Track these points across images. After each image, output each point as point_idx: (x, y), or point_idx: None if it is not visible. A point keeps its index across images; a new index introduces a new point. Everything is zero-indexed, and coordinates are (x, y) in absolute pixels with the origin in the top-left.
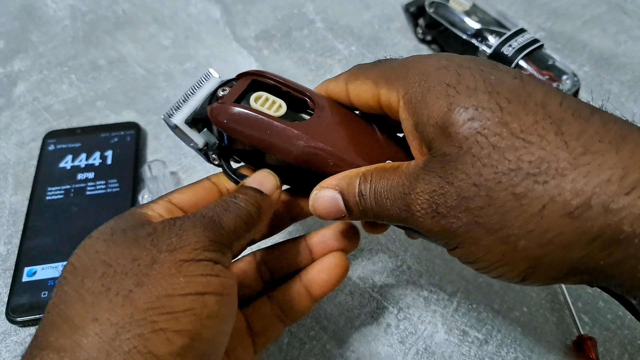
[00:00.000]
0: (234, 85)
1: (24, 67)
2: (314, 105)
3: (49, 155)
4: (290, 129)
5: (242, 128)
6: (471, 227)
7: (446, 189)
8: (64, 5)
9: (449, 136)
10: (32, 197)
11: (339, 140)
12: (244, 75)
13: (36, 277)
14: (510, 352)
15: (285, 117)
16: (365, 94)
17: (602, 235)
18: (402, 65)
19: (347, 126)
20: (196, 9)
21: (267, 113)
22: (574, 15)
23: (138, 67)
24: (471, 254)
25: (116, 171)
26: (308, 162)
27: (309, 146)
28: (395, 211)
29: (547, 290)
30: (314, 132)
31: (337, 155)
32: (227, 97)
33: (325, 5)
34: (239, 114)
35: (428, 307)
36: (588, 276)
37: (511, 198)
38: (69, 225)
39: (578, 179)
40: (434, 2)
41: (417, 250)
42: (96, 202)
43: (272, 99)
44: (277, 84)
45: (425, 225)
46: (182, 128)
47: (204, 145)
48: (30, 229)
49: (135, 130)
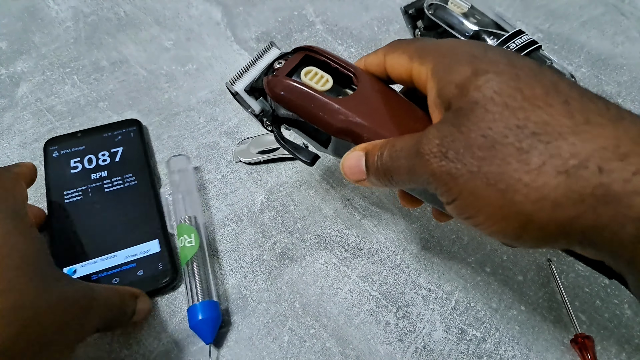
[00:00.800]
0: (288, 59)
1: (26, 68)
2: (357, 81)
3: (54, 161)
4: (332, 104)
5: (290, 99)
6: (473, 175)
7: (456, 136)
8: (67, 6)
9: (467, 94)
10: (50, 203)
11: (375, 116)
12: (299, 49)
13: (78, 275)
14: (508, 350)
15: (330, 92)
16: (400, 66)
17: (594, 194)
18: (435, 43)
19: (385, 102)
20: (197, 10)
21: (314, 87)
22: (572, 17)
23: (140, 69)
24: (469, 206)
25: (129, 166)
26: (345, 134)
27: (347, 121)
28: (406, 163)
29: (545, 288)
30: (353, 108)
31: (372, 130)
32: (280, 70)
33: (325, 7)
34: (289, 87)
35: (427, 305)
36: (576, 238)
37: (514, 152)
38: (95, 221)
39: (577, 143)
40: (432, 4)
41: (415, 249)
42: (117, 197)
43: (321, 74)
44: (327, 60)
45: (432, 167)
46: (241, 95)
47: (260, 111)
48: (56, 232)
49: (137, 126)
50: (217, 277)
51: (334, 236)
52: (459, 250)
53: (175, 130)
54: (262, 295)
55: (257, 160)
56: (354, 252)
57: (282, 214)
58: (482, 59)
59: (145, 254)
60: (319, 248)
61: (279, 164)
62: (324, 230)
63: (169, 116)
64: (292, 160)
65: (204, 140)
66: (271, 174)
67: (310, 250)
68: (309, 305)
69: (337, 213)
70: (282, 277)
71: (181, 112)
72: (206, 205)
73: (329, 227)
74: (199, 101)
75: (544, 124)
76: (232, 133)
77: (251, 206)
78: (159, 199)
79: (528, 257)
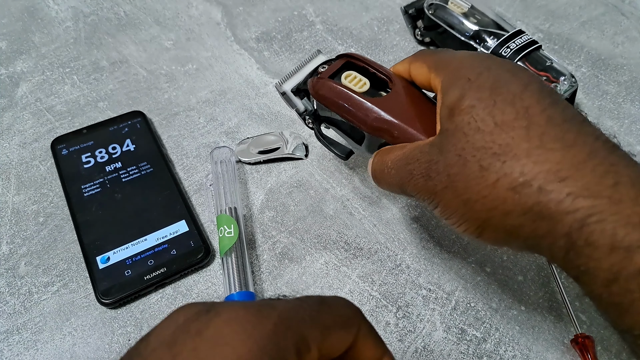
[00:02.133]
0: (331, 64)
1: (26, 68)
2: (392, 84)
3: (65, 159)
4: (367, 103)
5: (330, 99)
6: (446, 190)
7: (439, 159)
8: (66, 6)
9: (453, 117)
10: (70, 199)
11: (405, 115)
12: (342, 56)
13: (112, 262)
14: (509, 350)
15: (367, 93)
16: (420, 75)
17: (533, 209)
18: (449, 57)
19: (414, 104)
20: (197, 10)
21: (352, 89)
22: (572, 17)
23: (140, 69)
24: (445, 211)
25: (142, 155)
26: (378, 131)
27: (378, 119)
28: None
29: (545, 288)
30: (386, 107)
31: (401, 127)
32: (324, 73)
33: (325, 7)
34: (330, 87)
35: (427, 305)
36: (523, 243)
37: (477, 169)
38: (119, 210)
39: (527, 164)
40: (432, 4)
41: (415, 249)
42: (136, 185)
43: (359, 78)
44: (366, 65)
45: (418, 185)
46: (289, 94)
47: (303, 110)
48: (82, 225)
49: (142, 117)
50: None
51: (334, 236)
52: (459, 250)
53: (175, 130)
54: (263, 296)
55: (257, 160)
56: (354, 252)
57: (282, 214)
58: (471, 85)
59: (176, 234)
60: (319, 248)
61: (279, 164)
62: (324, 230)
63: (169, 116)
64: (292, 160)
65: (203, 140)
66: (271, 174)
67: (310, 250)
68: None
69: (337, 213)
70: (282, 277)
71: (181, 112)
72: (206, 204)
73: (329, 227)
74: (198, 101)
75: (506, 145)
76: (232, 133)
77: (251, 206)
78: (178, 183)
79: (528, 257)
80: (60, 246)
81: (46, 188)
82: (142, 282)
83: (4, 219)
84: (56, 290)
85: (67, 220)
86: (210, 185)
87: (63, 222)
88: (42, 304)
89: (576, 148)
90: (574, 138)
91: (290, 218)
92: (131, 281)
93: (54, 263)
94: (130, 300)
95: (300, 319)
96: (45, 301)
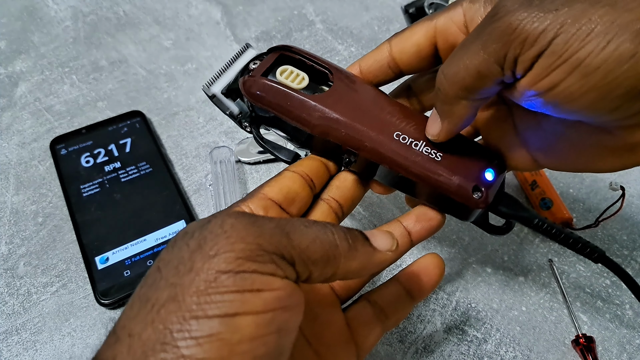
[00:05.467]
0: (264, 59)
1: (25, 68)
2: (333, 77)
3: (64, 159)
4: (308, 101)
5: (266, 98)
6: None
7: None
8: (65, 6)
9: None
10: (69, 200)
11: (352, 111)
12: (274, 49)
13: (111, 262)
14: (509, 351)
15: (307, 89)
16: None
17: None
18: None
19: (361, 97)
20: (197, 10)
21: (289, 85)
22: None
23: (139, 68)
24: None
25: (141, 155)
26: (323, 131)
27: (323, 117)
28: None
29: (546, 289)
30: (329, 104)
31: (348, 124)
32: (256, 70)
33: (325, 7)
34: (264, 86)
35: (427, 306)
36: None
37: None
38: (118, 210)
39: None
40: (433, 3)
41: (416, 249)
42: (135, 185)
43: (296, 72)
44: (302, 58)
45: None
46: (219, 97)
47: (238, 113)
48: (82, 225)
49: (141, 117)
50: None
51: None
52: (459, 250)
53: (174, 130)
54: None
55: (257, 160)
56: None
57: None
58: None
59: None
60: None
61: (279, 164)
62: None
63: (168, 116)
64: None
65: (203, 140)
66: (271, 174)
67: None
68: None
69: None
70: None
71: (180, 112)
72: (206, 205)
73: None
74: (198, 101)
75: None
76: (231, 133)
77: None
78: (177, 182)
79: (529, 257)
80: (59, 246)
81: (45, 188)
82: None
83: (2, 219)
84: (55, 290)
85: (66, 220)
86: (209, 185)
87: (62, 222)
88: (41, 304)
89: None
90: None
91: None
92: (130, 281)
93: (53, 263)
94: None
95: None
96: (44, 301)
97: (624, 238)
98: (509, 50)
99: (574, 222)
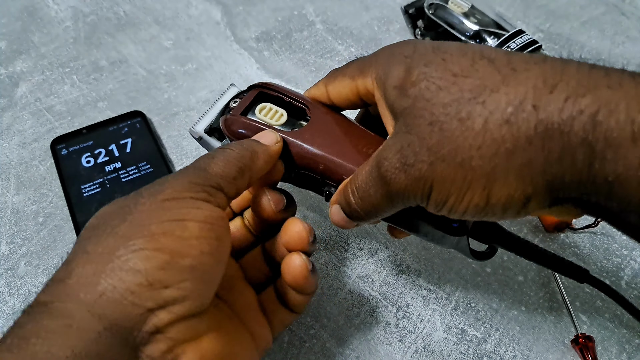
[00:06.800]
0: (243, 97)
1: (25, 68)
2: (310, 112)
3: (65, 159)
4: (287, 138)
5: (245, 136)
6: (435, 164)
7: (410, 139)
8: (66, 6)
9: (406, 92)
10: (69, 200)
11: (329, 144)
12: (253, 87)
13: None
14: (509, 350)
15: (285, 125)
16: (344, 89)
17: (537, 133)
18: (373, 55)
19: (337, 130)
20: (197, 10)
21: (268, 122)
22: (572, 17)
23: (139, 68)
24: (442, 191)
25: (142, 155)
26: (303, 166)
27: (301, 153)
28: (376, 193)
29: (546, 289)
30: (306, 139)
31: (325, 157)
32: (235, 109)
33: (325, 7)
34: (244, 124)
35: (427, 305)
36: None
37: (458, 124)
38: None
39: (509, 91)
40: (433, 4)
41: (416, 249)
42: (136, 185)
43: (275, 109)
44: (280, 95)
45: (400, 183)
46: (204, 138)
47: None
48: (82, 226)
49: (141, 117)
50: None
51: (334, 236)
52: None
53: (174, 130)
54: None
55: None
56: (354, 252)
57: None
58: (412, 56)
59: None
60: (319, 248)
61: None
62: (324, 230)
63: (169, 116)
64: None
65: None
66: None
67: None
68: (308, 305)
69: None
70: None
71: (181, 112)
72: None
73: (329, 227)
74: (198, 101)
75: (477, 87)
76: None
77: None
78: None
79: None
80: (59, 246)
81: (46, 188)
82: None
83: (3, 219)
84: None
85: (66, 220)
86: None
87: (63, 222)
88: None
89: (548, 61)
90: (540, 57)
91: None
92: None
93: (54, 263)
94: None
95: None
96: None
97: (623, 238)
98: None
99: (574, 222)
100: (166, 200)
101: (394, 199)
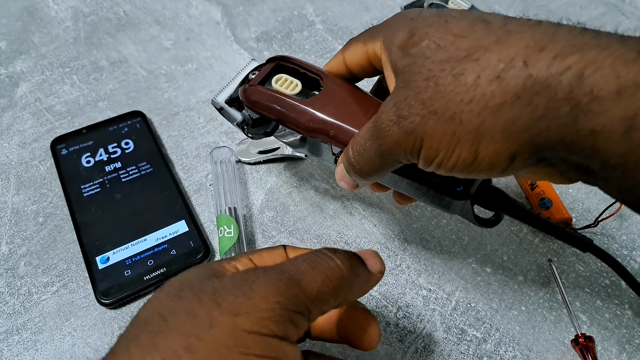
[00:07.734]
0: (261, 69)
1: (25, 68)
2: (323, 83)
3: (64, 159)
4: (300, 105)
5: (263, 104)
6: (426, 118)
7: (406, 94)
8: (66, 6)
9: (408, 51)
10: (69, 200)
11: (339, 112)
12: (271, 60)
13: (111, 262)
14: (509, 350)
15: (300, 95)
16: (356, 55)
17: (525, 88)
18: (383, 22)
19: (348, 99)
20: (197, 10)
21: (283, 92)
22: (572, 17)
23: (139, 68)
24: (431, 147)
25: (142, 155)
26: (313, 132)
27: (312, 119)
28: (371, 147)
29: (546, 289)
30: (318, 107)
31: (336, 125)
32: (253, 80)
33: (325, 7)
34: (260, 93)
35: (427, 305)
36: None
37: (452, 79)
38: (119, 210)
39: (502, 50)
40: (432, 4)
41: (416, 249)
42: (136, 185)
43: (290, 80)
44: (296, 66)
45: (393, 136)
46: (225, 108)
47: (242, 121)
48: (82, 225)
49: (142, 117)
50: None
51: (334, 236)
52: (459, 250)
53: (174, 130)
54: None
55: (257, 160)
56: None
57: (282, 214)
58: (417, 19)
59: (175, 234)
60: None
61: (279, 164)
62: (324, 230)
63: (169, 116)
64: (292, 160)
65: (203, 140)
66: (271, 174)
67: None
68: None
69: (337, 213)
70: None
71: (181, 112)
72: (206, 205)
73: (329, 227)
74: (198, 101)
75: (472, 47)
76: (231, 133)
77: (251, 206)
78: (177, 183)
79: (529, 257)
80: (59, 246)
81: (46, 188)
82: (142, 283)
83: (3, 219)
84: (56, 290)
85: (66, 220)
86: (210, 185)
87: (63, 222)
88: (41, 304)
89: (543, 25)
90: (536, 20)
91: (290, 218)
92: (131, 281)
93: (54, 263)
94: (130, 301)
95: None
96: (45, 301)
97: (623, 238)
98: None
99: (574, 222)
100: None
101: (386, 155)
